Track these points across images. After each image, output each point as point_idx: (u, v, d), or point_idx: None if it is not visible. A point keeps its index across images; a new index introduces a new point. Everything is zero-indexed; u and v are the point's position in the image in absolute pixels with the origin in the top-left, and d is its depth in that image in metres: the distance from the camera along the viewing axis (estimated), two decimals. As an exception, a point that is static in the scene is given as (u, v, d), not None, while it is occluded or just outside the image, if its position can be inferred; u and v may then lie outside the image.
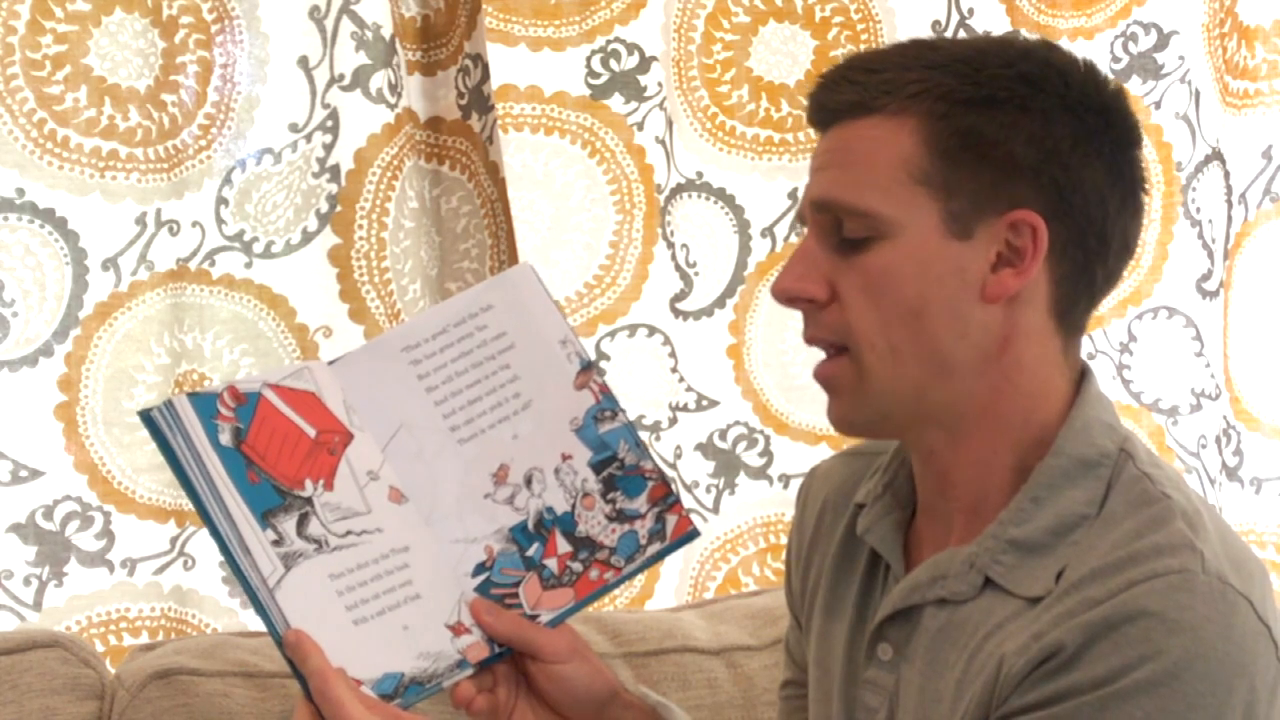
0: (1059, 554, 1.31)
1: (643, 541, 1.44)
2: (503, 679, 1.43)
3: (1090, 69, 1.36)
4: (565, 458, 1.44)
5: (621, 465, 1.45)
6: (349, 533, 1.37)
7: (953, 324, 1.33)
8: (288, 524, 1.34)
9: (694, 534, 1.46)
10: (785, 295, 1.36)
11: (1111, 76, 1.38)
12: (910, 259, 1.32)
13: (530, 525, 1.43)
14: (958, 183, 1.32)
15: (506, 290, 1.47)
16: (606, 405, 1.45)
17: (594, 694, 1.45)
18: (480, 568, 1.42)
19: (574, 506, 1.44)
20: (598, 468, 1.44)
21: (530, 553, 1.43)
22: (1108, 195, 1.34)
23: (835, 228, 1.34)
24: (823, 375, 1.37)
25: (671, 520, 1.45)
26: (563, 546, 1.43)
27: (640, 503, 1.44)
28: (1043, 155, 1.31)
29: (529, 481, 1.44)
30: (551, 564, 1.43)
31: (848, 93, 1.35)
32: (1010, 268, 1.32)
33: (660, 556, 1.45)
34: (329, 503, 1.37)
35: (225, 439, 1.34)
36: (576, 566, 1.43)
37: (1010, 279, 1.32)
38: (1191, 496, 1.33)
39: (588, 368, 1.45)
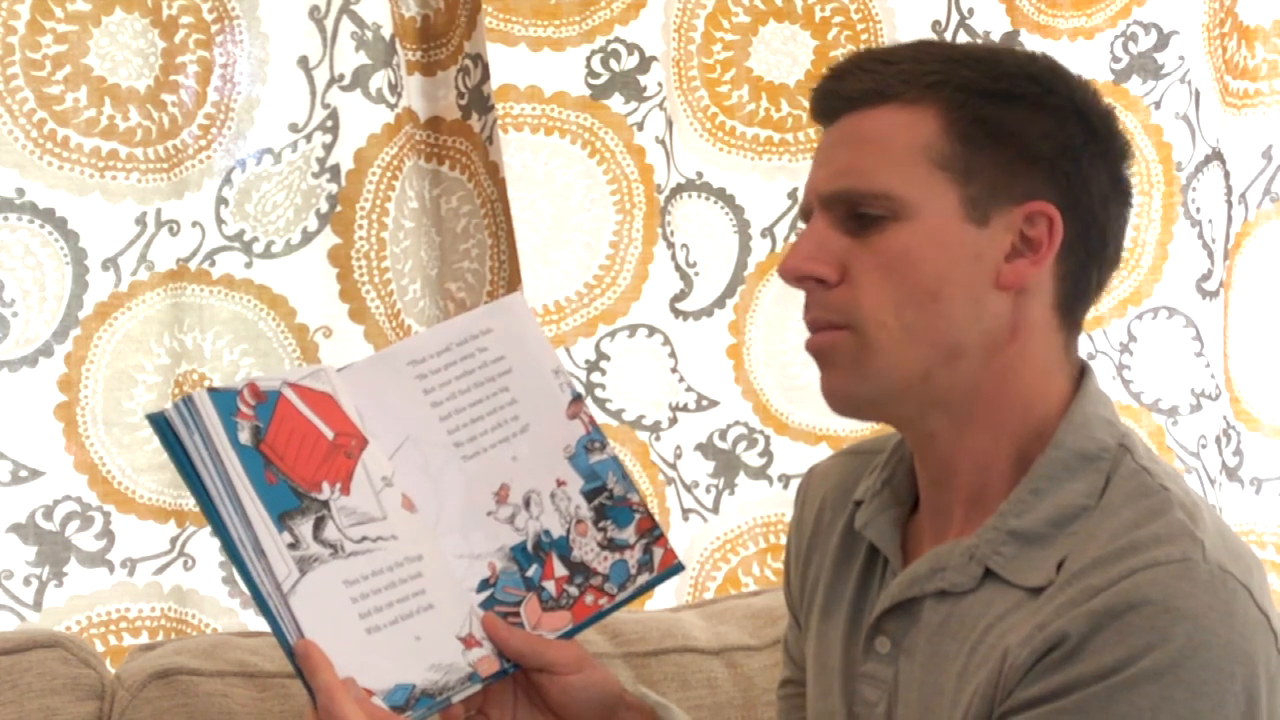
0: (1059, 544, 1.32)
1: (632, 571, 1.46)
2: (494, 701, 1.43)
3: (1089, 82, 1.39)
4: (560, 483, 1.46)
5: (611, 496, 1.46)
6: (364, 538, 1.35)
7: (968, 308, 1.33)
8: (304, 527, 1.33)
9: (679, 567, 1.48)
10: (794, 274, 1.35)
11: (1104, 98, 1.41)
12: (929, 241, 1.33)
13: (529, 546, 1.44)
14: (977, 168, 1.33)
15: (504, 316, 1.48)
16: (596, 436, 1.47)
17: (603, 700, 1.46)
18: (484, 584, 1.42)
19: (569, 532, 1.45)
20: (589, 496, 1.46)
21: (530, 573, 1.43)
22: (1110, 199, 1.36)
23: (849, 209, 1.35)
24: (817, 345, 1.36)
25: (658, 553, 1.47)
26: (559, 570, 1.44)
27: (629, 533, 1.46)
28: (1058, 150, 1.34)
29: (527, 503, 1.45)
30: (550, 586, 1.44)
31: (863, 81, 1.36)
32: (1023, 258, 1.33)
33: (649, 587, 1.47)
34: (345, 507, 1.35)
35: (244, 437, 1.32)
36: (573, 590, 1.44)
37: (1026, 268, 1.33)
38: (1189, 490, 1.35)
39: (578, 399, 1.47)
